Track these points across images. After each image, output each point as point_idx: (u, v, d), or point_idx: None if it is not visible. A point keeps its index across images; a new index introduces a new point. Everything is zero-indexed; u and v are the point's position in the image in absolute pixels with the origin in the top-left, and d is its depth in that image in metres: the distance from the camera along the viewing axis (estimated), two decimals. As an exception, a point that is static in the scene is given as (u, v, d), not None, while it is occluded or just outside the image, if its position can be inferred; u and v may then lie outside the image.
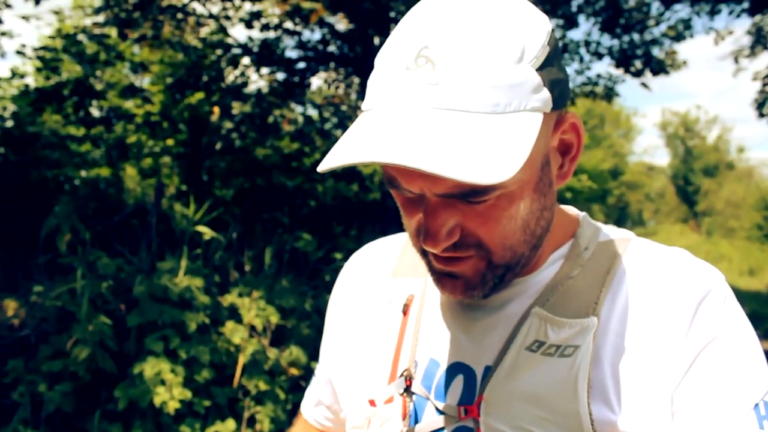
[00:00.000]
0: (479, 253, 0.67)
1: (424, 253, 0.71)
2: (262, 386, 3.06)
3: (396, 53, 0.61)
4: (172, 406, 2.65)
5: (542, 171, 0.67)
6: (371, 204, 8.22)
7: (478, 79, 0.58)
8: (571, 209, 0.81)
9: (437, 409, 0.73)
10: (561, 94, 0.65)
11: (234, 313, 3.23)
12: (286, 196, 7.74)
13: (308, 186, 8.11)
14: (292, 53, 8.75)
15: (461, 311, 0.76)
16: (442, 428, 0.72)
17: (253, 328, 3.20)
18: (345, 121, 9.08)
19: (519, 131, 0.58)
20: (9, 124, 6.53)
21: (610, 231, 0.78)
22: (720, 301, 0.69)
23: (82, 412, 2.89)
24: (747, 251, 20.42)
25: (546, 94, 0.62)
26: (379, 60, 0.64)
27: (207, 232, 3.41)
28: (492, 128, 0.57)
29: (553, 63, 0.63)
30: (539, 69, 0.61)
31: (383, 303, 0.82)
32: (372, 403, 0.78)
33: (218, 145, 7.01)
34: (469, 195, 0.62)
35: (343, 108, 9.18)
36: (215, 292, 3.26)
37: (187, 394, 2.71)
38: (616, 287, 0.71)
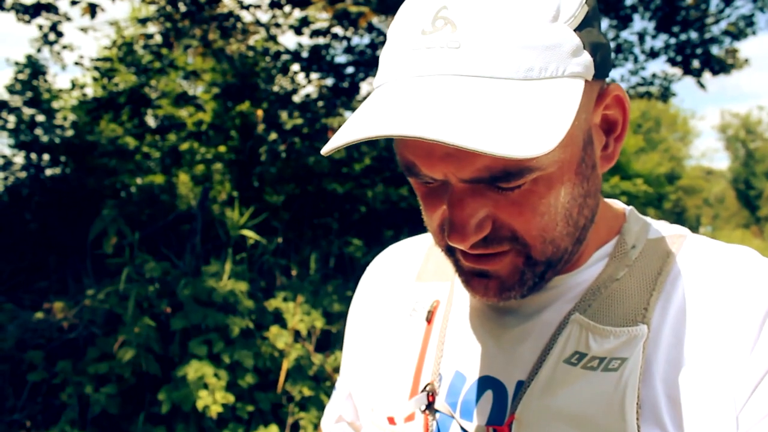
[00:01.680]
0: (516, 248, 0.58)
1: (450, 252, 0.63)
2: (307, 392, 3.01)
3: (410, 18, 0.53)
4: (215, 410, 2.62)
5: (584, 151, 0.57)
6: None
7: (508, 39, 0.49)
8: (616, 203, 0.71)
9: (463, 429, 0.65)
10: (603, 60, 0.55)
11: (278, 318, 3.19)
12: (336, 201, 7.77)
13: (358, 191, 8.13)
14: (341, 59, 8.77)
15: (491, 318, 0.67)
16: None
17: (297, 333, 3.16)
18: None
19: (558, 99, 0.49)
20: (69, 133, 6.75)
21: (662, 227, 0.68)
22: None
23: (127, 414, 2.90)
24: (814, 258, 19.62)
25: (587, 57, 0.53)
26: (391, 29, 0.55)
27: (252, 236, 3.39)
28: (526, 96, 0.48)
29: (592, 24, 0.54)
30: (577, 29, 0.53)
31: (407, 310, 0.74)
32: (391, 420, 0.70)
33: (265, 156, 7.09)
34: (501, 178, 0.53)
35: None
36: (260, 297, 3.23)
37: (230, 399, 2.68)
38: (669, 291, 0.61)
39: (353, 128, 0.49)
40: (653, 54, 9.11)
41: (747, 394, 0.56)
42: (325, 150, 0.50)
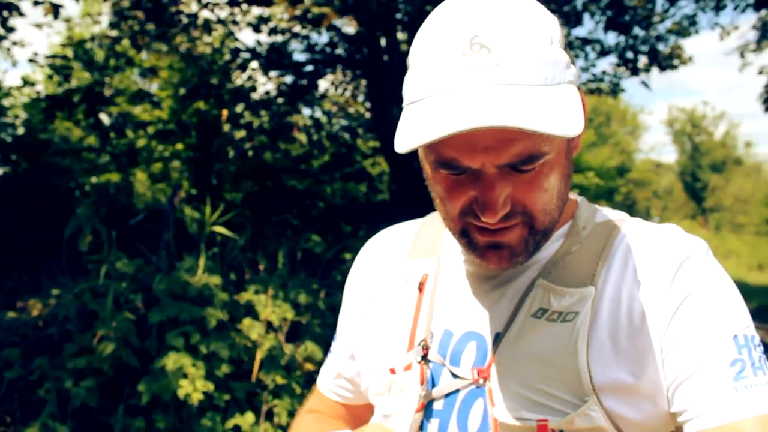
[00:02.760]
0: (524, 220, 0.74)
1: (463, 234, 0.77)
2: (279, 380, 3.15)
3: (445, 43, 0.68)
4: (196, 397, 2.74)
5: (569, 141, 0.76)
6: (380, 204, 8.30)
7: (531, 58, 0.66)
8: (570, 193, 0.86)
9: (452, 373, 0.81)
10: (576, 72, 0.74)
11: (250, 311, 3.32)
12: (295, 197, 7.81)
13: (317, 188, 8.18)
14: (300, 56, 8.84)
15: (473, 285, 0.84)
16: (458, 390, 0.80)
17: (269, 324, 3.29)
18: (352, 122, 9.15)
19: (568, 98, 0.67)
20: (20, 131, 6.59)
21: (607, 212, 0.87)
22: (700, 261, 0.77)
23: (107, 407, 2.99)
24: (755, 246, 20.40)
25: (574, 69, 0.72)
26: (424, 52, 0.70)
27: (224, 232, 3.50)
28: (547, 96, 0.66)
29: (566, 46, 0.74)
30: (564, 49, 0.72)
31: (399, 282, 0.90)
32: (392, 371, 0.85)
33: (231, 153, 7.07)
34: (525, 162, 0.69)
35: (351, 110, 9.26)
36: (232, 290, 3.35)
37: (210, 387, 2.80)
38: (610, 260, 0.79)
39: (430, 128, 0.64)
40: (603, 52, 9.43)
41: (666, 324, 0.74)
42: (405, 149, 0.65)
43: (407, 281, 0.89)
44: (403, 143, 0.65)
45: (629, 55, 9.13)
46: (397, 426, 0.84)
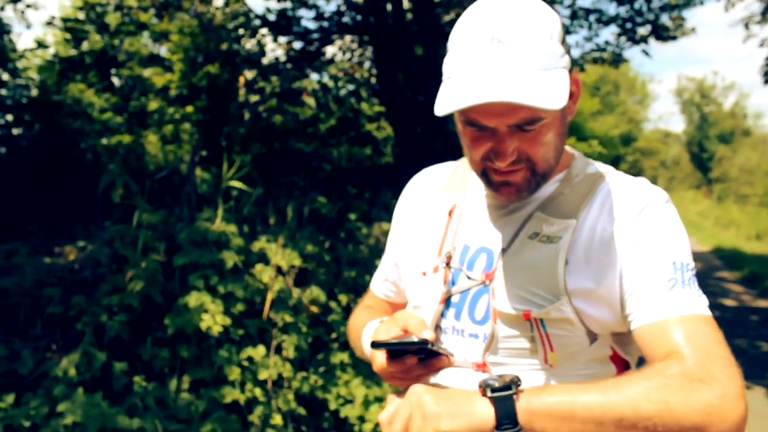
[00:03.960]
0: (527, 166, 1.01)
1: (484, 174, 1.05)
2: (288, 319, 3.55)
3: (474, 37, 0.95)
4: (216, 330, 3.16)
5: (562, 109, 0.99)
6: (384, 167, 8.59)
7: (534, 50, 0.94)
8: (569, 148, 1.15)
9: (467, 276, 1.09)
10: (570, 59, 1.02)
11: (262, 257, 3.71)
12: (302, 160, 8.02)
13: (323, 151, 8.38)
14: (309, 24, 9.04)
15: (488, 213, 1.13)
16: (469, 288, 1.08)
17: (279, 269, 3.69)
18: (359, 88, 9.39)
19: (559, 81, 0.94)
20: (34, 93, 6.68)
21: (597, 165, 1.13)
22: (659, 206, 1.02)
23: (136, 339, 3.40)
24: (756, 217, 20.54)
25: (567, 58, 0.99)
26: (459, 41, 0.97)
27: (239, 185, 3.88)
28: (545, 79, 0.93)
29: (564, 39, 1.00)
30: (561, 42, 0.98)
31: (435, 209, 1.19)
32: (424, 273, 1.14)
33: (247, 116, 7.25)
34: (528, 123, 0.96)
35: (357, 75, 9.47)
36: (246, 239, 3.74)
37: (227, 321, 3.21)
38: (592, 201, 1.05)
39: (459, 99, 0.93)
40: (604, 22, 9.53)
41: (626, 251, 1.00)
42: (443, 113, 0.94)
43: (441, 208, 1.18)
44: (440, 109, 0.94)
45: (629, 25, 9.23)
46: (424, 313, 1.11)
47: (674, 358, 0.89)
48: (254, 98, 7.21)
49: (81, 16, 8.48)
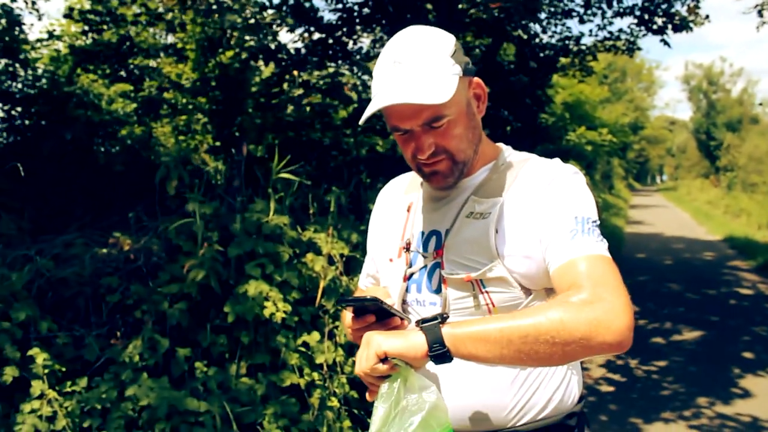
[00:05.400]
0: (447, 156, 1.26)
1: (418, 169, 1.30)
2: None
3: (382, 62, 1.24)
4: (279, 316, 3.28)
5: (467, 107, 1.27)
6: (400, 158, 8.62)
7: (424, 64, 1.21)
8: (500, 144, 1.41)
9: (423, 255, 1.34)
10: (465, 67, 1.25)
11: (312, 246, 3.83)
12: (319, 150, 8.05)
13: (339, 141, 8.37)
14: (329, 15, 9.06)
15: (434, 203, 1.37)
16: (425, 265, 1.32)
17: (330, 258, 3.80)
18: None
19: (448, 82, 1.20)
20: (45, 84, 6.59)
21: (520, 154, 1.37)
22: (566, 177, 1.25)
23: (194, 326, 3.52)
24: (766, 205, 20.55)
25: (457, 67, 1.23)
26: (375, 68, 1.25)
27: (290, 177, 3.99)
28: (435, 82, 1.19)
29: (458, 53, 1.25)
30: (452, 56, 1.23)
31: (398, 208, 1.45)
32: (390, 260, 1.40)
33: (290, 108, 7.21)
34: (434, 121, 1.21)
35: (371, 66, 9.49)
36: (297, 230, 3.86)
37: (288, 308, 3.34)
38: (516, 184, 1.28)
39: (371, 107, 1.20)
40: (620, 14, 9.54)
41: (541, 216, 1.22)
42: (361, 121, 1.23)
43: (401, 207, 1.44)
44: (361, 120, 1.22)
45: (645, 15, 9.24)
46: (392, 291, 1.36)
47: (573, 288, 1.09)
48: (297, 92, 7.24)
49: (94, 6, 8.46)
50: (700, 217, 21.35)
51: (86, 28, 8.76)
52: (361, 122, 1.22)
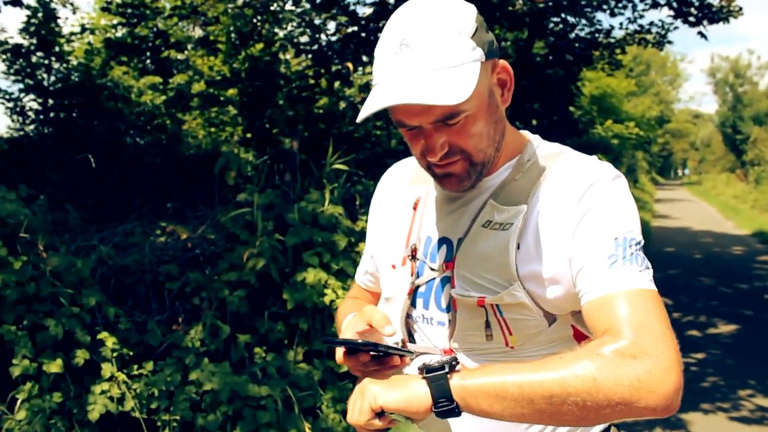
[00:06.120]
0: (463, 156, 1.03)
1: (428, 168, 1.08)
2: (390, 295, 3.75)
3: (386, 45, 0.99)
4: (339, 303, 3.36)
5: (489, 98, 1.03)
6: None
7: (440, 49, 0.96)
8: (526, 133, 1.17)
9: (430, 267, 1.13)
10: (489, 49, 1.01)
11: (364, 236, 3.91)
12: (350, 142, 8.10)
13: (372, 133, 8.41)
14: (364, 9, 9.11)
15: (446, 205, 1.15)
16: (434, 278, 1.12)
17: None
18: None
19: (467, 75, 0.95)
20: (79, 77, 6.75)
21: (551, 147, 1.13)
22: (604, 184, 1.01)
23: (251, 313, 3.62)
24: (796, 199, 20.30)
25: (479, 51, 0.99)
26: (377, 51, 1.01)
27: (344, 168, 4.09)
28: (451, 76, 0.95)
29: (480, 30, 1.00)
30: (472, 36, 0.98)
31: (402, 202, 1.23)
32: (393, 267, 1.19)
33: (330, 104, 7.24)
34: (448, 118, 0.98)
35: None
36: (350, 219, 3.95)
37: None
38: (543, 185, 1.05)
39: (370, 106, 0.96)
40: (655, 4, 9.48)
41: (572, 231, 1.00)
42: (359, 120, 0.97)
43: (407, 201, 1.22)
44: (360, 116, 0.98)
45: (682, 7, 9.17)
46: (395, 304, 1.17)
47: (609, 334, 0.89)
48: (350, 91, 7.28)
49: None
50: (727, 211, 21.16)
51: (116, 21, 8.88)
52: (358, 120, 0.99)
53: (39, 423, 2.94)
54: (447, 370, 0.92)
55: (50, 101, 6.48)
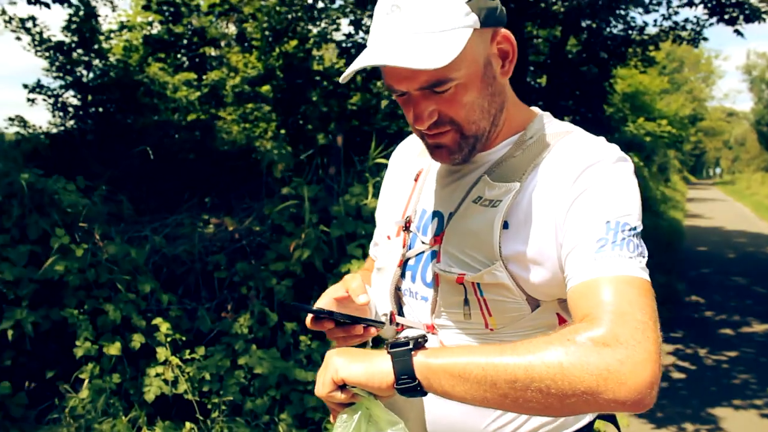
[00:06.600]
0: (453, 128, 0.99)
1: (422, 136, 1.04)
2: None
3: (379, 7, 0.97)
4: (383, 293, 3.49)
5: (485, 68, 0.98)
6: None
7: (428, 12, 0.92)
8: (536, 110, 1.12)
9: (421, 240, 1.11)
10: (488, 16, 0.96)
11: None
12: (384, 138, 8.17)
13: (407, 129, 8.48)
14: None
15: (442, 178, 1.13)
16: (423, 252, 1.10)
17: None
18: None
19: (453, 40, 0.92)
20: (117, 73, 7.01)
21: (559, 125, 1.08)
22: (604, 165, 0.95)
23: (298, 302, 3.76)
24: (833, 199, 19.90)
25: (473, 17, 0.94)
26: (373, 13, 0.99)
27: (385, 162, 4.21)
28: (436, 40, 0.91)
29: None
30: (468, 2, 0.94)
31: (407, 173, 1.21)
32: (388, 237, 1.18)
33: (375, 102, 7.31)
34: (435, 85, 0.95)
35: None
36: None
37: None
38: (543, 164, 1.00)
39: (355, 63, 0.94)
40: (689, 3, 9.40)
41: (564, 212, 0.94)
42: (341, 79, 0.94)
43: (411, 173, 1.21)
44: (342, 77, 0.96)
45: (717, 6, 9.09)
46: (385, 275, 1.15)
47: (586, 320, 0.84)
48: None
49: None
50: (761, 211, 20.84)
51: (151, 17, 9.09)
52: (341, 80, 0.95)
53: (100, 402, 3.11)
54: (412, 346, 0.88)
55: (89, 97, 6.73)
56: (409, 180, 1.18)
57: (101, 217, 3.82)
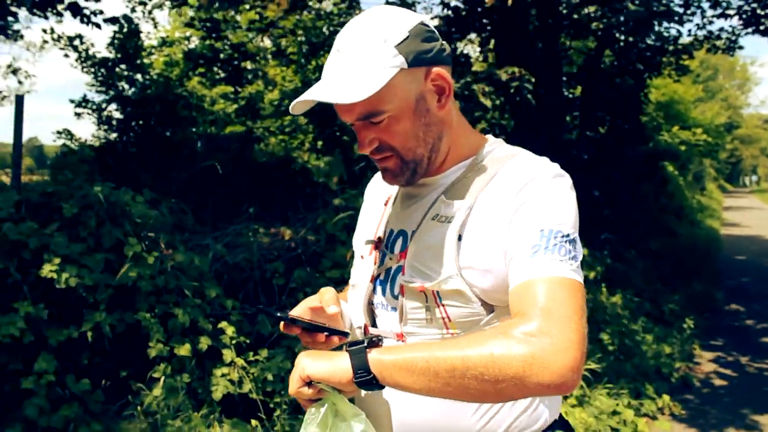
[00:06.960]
0: (393, 153, 1.13)
1: (375, 161, 1.19)
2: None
3: (332, 49, 1.13)
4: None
5: (417, 102, 1.11)
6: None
7: (360, 55, 1.07)
8: (489, 137, 1.25)
9: (389, 258, 1.22)
10: (417, 58, 1.09)
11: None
12: None
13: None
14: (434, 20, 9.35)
15: (406, 201, 1.25)
16: (391, 267, 1.20)
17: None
18: (480, 81, 9.66)
19: (375, 78, 1.05)
20: (158, 87, 7.22)
21: (507, 149, 1.21)
22: (542, 181, 1.08)
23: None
24: None
25: (400, 59, 1.07)
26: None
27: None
28: (364, 78, 1.05)
29: (411, 41, 1.09)
30: (397, 46, 1.07)
31: (379, 200, 1.34)
32: (362, 257, 1.29)
33: None
34: (369, 116, 1.09)
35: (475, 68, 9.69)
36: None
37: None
38: (491, 183, 1.12)
39: (302, 96, 1.11)
40: (725, 15, 9.41)
41: (507, 224, 1.06)
42: (292, 111, 1.14)
43: (382, 199, 1.34)
44: (290, 108, 1.14)
45: (751, 18, 9.08)
46: (359, 291, 1.26)
47: (518, 316, 0.96)
48: None
49: (212, 14, 9.08)
50: (800, 221, 20.52)
51: (189, 32, 9.41)
52: (291, 110, 1.13)
53: (173, 400, 3.33)
54: (366, 344, 1.00)
55: (130, 110, 6.99)
56: (380, 205, 1.32)
57: (167, 227, 4.06)
